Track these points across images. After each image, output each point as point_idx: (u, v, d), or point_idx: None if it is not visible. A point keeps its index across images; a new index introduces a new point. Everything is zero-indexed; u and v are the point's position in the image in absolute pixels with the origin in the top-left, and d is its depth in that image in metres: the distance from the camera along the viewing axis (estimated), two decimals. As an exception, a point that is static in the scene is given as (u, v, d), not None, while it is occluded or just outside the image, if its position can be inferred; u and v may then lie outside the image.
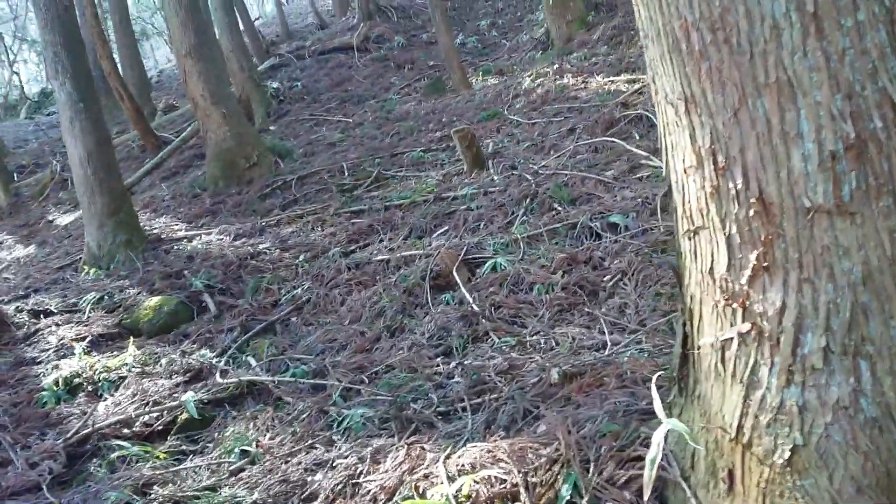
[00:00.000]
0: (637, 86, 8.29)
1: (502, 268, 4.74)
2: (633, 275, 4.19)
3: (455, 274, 4.84)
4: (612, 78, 9.36)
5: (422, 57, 16.37)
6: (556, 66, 10.99)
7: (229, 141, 9.90)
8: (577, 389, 3.01)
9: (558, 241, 4.91)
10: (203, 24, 10.09)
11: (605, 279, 4.25)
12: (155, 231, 8.04)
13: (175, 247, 7.37)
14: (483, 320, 4.13)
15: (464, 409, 3.24)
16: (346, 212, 7.23)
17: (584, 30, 12.61)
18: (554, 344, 3.68)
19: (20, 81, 28.78)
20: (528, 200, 5.72)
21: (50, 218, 12.27)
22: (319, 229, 6.94)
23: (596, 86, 9.23)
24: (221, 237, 7.27)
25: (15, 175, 16.38)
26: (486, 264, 4.86)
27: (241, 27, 16.95)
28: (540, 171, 6.33)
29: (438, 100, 11.82)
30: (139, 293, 6.11)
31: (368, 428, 3.32)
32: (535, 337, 3.82)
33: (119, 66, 19.22)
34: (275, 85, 15.48)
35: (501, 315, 4.18)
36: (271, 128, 14.16)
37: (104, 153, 7.65)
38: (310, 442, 3.36)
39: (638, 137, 6.48)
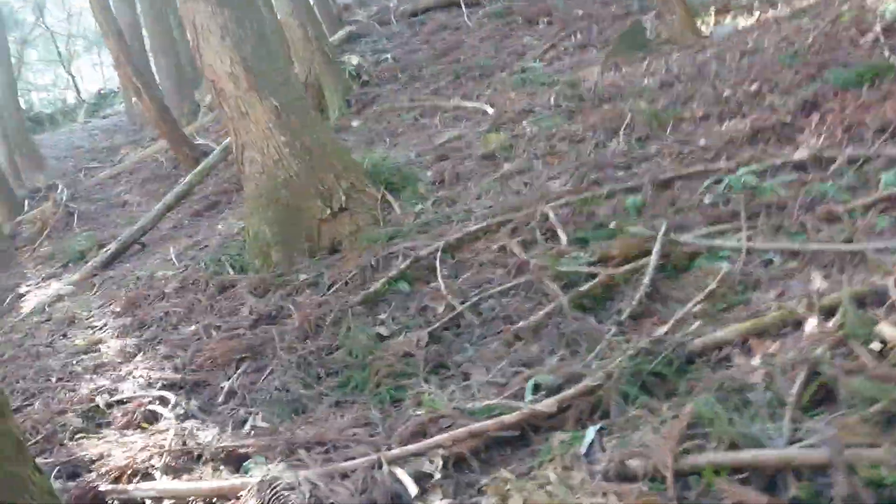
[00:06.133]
0: None
1: None
2: None
3: None
4: None
5: (559, 5, 10.68)
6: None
7: (290, 164, 4.58)
8: None
9: None
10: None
11: None
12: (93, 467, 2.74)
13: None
14: None
15: None
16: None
17: None
18: None
19: (76, 84, 24.49)
20: None
21: (22, 290, 7.24)
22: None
23: None
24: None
25: (26, 203, 11.58)
26: None
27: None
28: None
29: (651, 59, 6.16)
30: None
31: None
32: None
33: (151, 55, 14.20)
34: (355, 60, 10.07)
35: None
36: (354, 124, 8.76)
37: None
38: None
39: None
